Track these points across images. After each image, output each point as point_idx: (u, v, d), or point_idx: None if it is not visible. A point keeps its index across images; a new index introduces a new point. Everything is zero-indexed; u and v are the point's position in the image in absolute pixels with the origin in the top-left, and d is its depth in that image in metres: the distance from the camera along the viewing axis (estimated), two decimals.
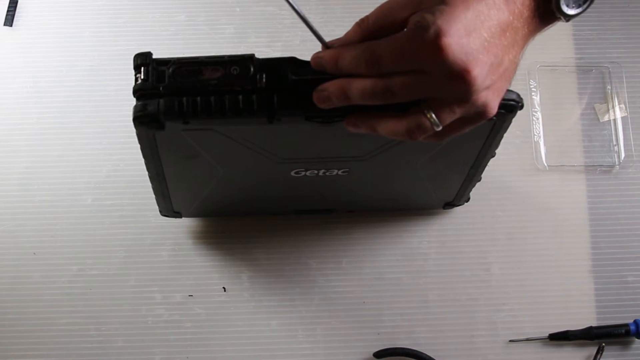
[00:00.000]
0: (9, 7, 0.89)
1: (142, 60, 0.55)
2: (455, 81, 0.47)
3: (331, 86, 0.52)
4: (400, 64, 0.48)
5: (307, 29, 0.53)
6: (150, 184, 0.70)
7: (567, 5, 0.51)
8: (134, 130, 0.57)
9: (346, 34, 0.52)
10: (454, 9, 0.47)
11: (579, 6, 0.51)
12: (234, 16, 0.89)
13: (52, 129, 0.85)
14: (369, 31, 0.51)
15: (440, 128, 0.51)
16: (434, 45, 0.46)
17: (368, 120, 0.53)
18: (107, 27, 0.89)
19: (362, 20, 0.52)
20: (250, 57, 0.55)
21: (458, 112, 0.50)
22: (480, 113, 0.51)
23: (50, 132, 0.85)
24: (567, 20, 0.52)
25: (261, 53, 0.54)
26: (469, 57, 0.47)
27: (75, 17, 0.89)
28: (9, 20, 0.88)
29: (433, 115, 0.50)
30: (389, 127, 0.52)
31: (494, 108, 0.51)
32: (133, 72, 0.55)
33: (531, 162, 0.84)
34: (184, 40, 0.88)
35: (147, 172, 0.67)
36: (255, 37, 0.88)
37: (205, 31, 0.89)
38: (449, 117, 0.50)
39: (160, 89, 0.54)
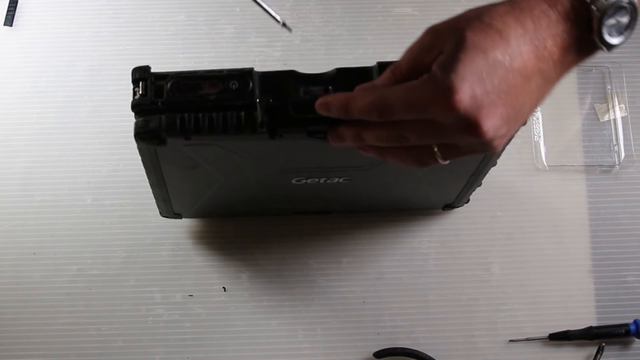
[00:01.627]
0: (9, 7, 0.89)
1: (141, 75, 0.55)
2: (466, 134, 0.47)
3: (346, 130, 0.52)
4: (412, 113, 0.48)
5: (307, 29, 0.53)
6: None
7: (610, 35, 0.47)
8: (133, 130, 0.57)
9: (380, 79, 0.52)
10: (471, 60, 0.45)
11: (620, 34, 0.48)
12: (234, 16, 0.89)
13: (52, 129, 0.85)
14: (403, 78, 0.50)
15: (447, 162, 0.51)
16: (445, 100, 0.45)
17: (376, 148, 0.53)
18: (107, 27, 0.89)
19: (395, 67, 0.51)
20: (249, 72, 0.55)
21: (466, 153, 0.50)
22: (486, 150, 0.50)
23: (50, 132, 0.85)
24: (609, 51, 0.48)
25: (261, 53, 0.54)
26: (481, 112, 0.45)
27: (75, 17, 0.89)
28: (9, 20, 0.88)
29: (440, 153, 0.50)
30: (396, 157, 0.52)
31: (499, 147, 0.50)
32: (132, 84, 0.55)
33: (531, 162, 0.84)
34: (184, 40, 0.88)
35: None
36: (255, 37, 0.88)
37: (205, 31, 0.89)
38: (457, 157, 0.51)
39: (159, 104, 0.54)
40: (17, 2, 0.89)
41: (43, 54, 0.88)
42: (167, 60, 0.86)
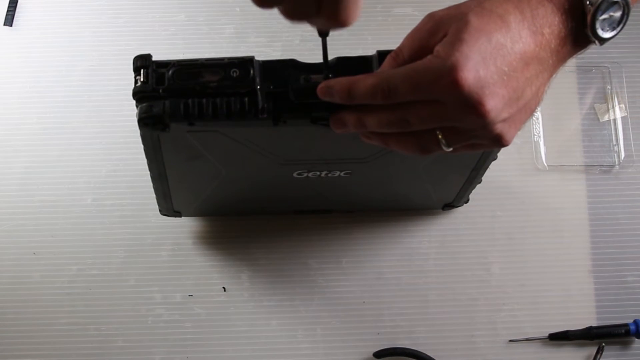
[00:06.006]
0: (9, 7, 0.89)
1: (142, 63, 0.55)
2: (469, 113, 0.47)
3: (348, 115, 0.52)
4: (416, 94, 0.48)
5: (307, 29, 0.53)
6: (150, 184, 0.70)
7: (603, 29, 0.50)
8: (134, 130, 0.57)
9: (382, 66, 0.52)
10: (475, 40, 0.46)
11: (613, 29, 0.50)
12: (234, 16, 0.89)
13: (52, 129, 0.85)
14: (405, 63, 0.50)
15: (451, 149, 0.51)
16: (449, 78, 0.46)
17: (379, 135, 0.53)
18: (107, 27, 0.89)
19: (396, 53, 0.51)
20: (250, 60, 0.55)
21: (470, 140, 0.50)
22: (494, 142, 0.50)
23: (50, 132, 0.85)
24: (601, 44, 0.51)
25: (261, 53, 0.54)
26: (484, 91, 0.46)
27: (75, 17, 0.89)
28: (9, 20, 0.88)
29: (444, 140, 0.50)
30: (400, 144, 0.52)
31: (509, 140, 0.50)
32: (133, 73, 0.55)
33: (531, 162, 0.84)
34: (184, 40, 0.88)
35: (148, 172, 0.67)
36: (255, 37, 0.88)
37: (205, 31, 0.89)
38: (460, 142, 0.51)
39: (160, 91, 0.55)
40: (17, 2, 0.89)
41: (43, 54, 0.88)
42: None
